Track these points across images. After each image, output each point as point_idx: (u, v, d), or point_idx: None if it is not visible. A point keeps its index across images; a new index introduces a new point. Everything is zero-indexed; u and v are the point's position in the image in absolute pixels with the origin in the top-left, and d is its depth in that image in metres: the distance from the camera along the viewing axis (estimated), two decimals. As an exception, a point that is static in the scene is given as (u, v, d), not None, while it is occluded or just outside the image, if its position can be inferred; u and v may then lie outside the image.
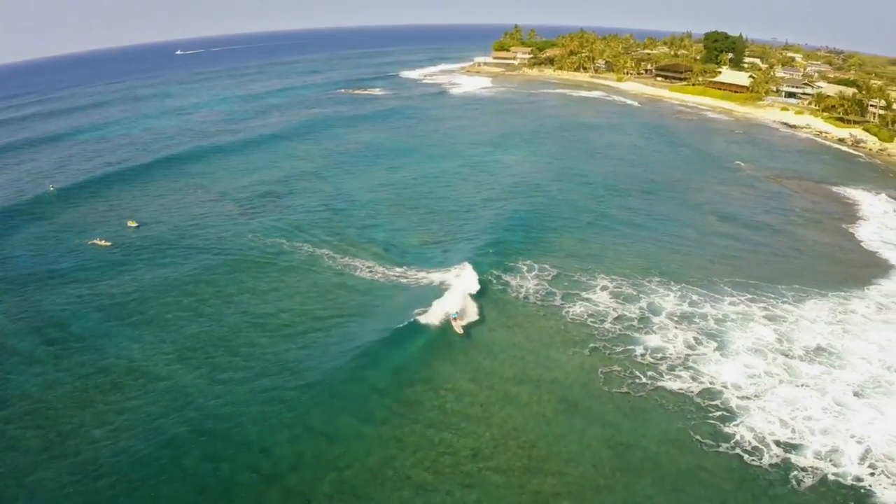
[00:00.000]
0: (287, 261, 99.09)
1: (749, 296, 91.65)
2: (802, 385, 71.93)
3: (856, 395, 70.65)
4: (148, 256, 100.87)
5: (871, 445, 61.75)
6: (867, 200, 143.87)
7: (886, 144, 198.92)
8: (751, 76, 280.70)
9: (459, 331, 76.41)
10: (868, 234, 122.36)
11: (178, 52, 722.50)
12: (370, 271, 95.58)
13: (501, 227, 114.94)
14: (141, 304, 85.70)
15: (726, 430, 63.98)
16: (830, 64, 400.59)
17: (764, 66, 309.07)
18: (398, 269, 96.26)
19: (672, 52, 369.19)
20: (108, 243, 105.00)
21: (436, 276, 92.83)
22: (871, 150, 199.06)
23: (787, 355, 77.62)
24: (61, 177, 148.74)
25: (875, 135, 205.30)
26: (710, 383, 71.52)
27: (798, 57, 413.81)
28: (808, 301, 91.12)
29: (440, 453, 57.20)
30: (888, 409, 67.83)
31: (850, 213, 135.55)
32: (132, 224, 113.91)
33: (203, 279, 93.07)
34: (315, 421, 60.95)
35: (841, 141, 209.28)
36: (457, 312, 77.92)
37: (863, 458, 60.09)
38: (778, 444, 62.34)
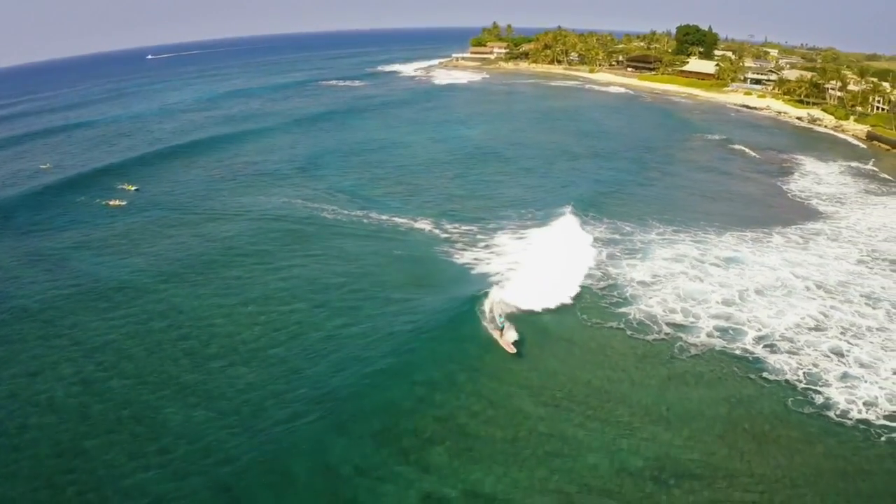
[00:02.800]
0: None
1: (676, 227, 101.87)
2: (706, 282, 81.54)
3: (758, 292, 79.89)
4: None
5: (768, 330, 70.72)
6: (810, 164, 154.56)
7: (842, 122, 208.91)
8: (717, 64, 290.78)
9: (510, 348, 60.40)
10: (800, 187, 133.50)
11: (149, 57, 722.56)
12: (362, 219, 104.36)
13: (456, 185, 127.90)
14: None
15: (617, 311, 73.04)
16: (805, 58, 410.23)
17: (734, 58, 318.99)
18: (382, 217, 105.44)
19: (645, 46, 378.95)
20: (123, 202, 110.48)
21: (401, 221, 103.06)
22: (826, 126, 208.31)
23: (700, 261, 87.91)
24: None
25: (832, 114, 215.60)
26: (615, 279, 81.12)
27: (774, 52, 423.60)
28: (730, 232, 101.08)
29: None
30: (789, 305, 77.11)
31: (789, 172, 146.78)
32: (130, 187, 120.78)
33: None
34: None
35: (798, 119, 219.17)
36: (502, 318, 61.95)
37: (758, 340, 68.84)
38: (670, 324, 71.36)
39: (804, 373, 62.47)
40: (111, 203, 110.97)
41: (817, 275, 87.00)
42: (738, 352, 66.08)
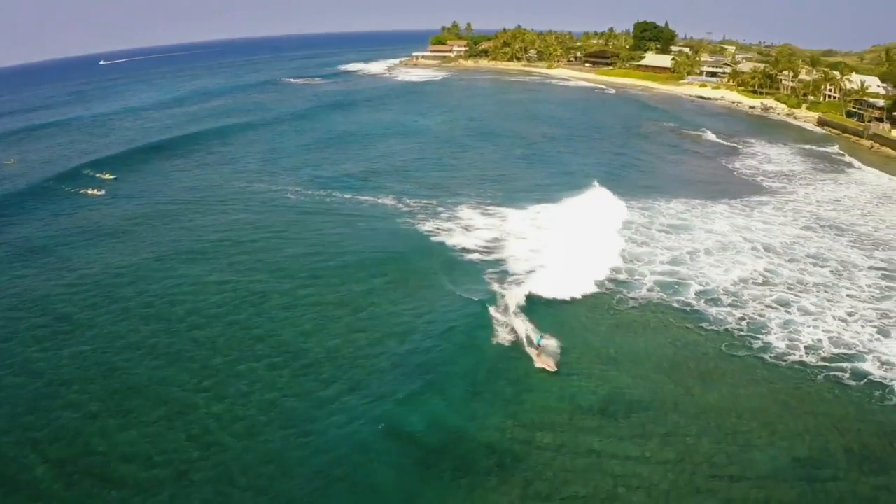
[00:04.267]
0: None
1: (624, 200, 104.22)
2: (652, 245, 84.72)
3: (706, 253, 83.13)
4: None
5: (714, 286, 73.46)
6: (761, 146, 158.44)
7: (794, 109, 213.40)
8: (673, 59, 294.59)
9: (550, 366, 54.21)
10: (748, 166, 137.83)
11: (102, 63, 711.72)
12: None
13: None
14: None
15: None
16: (761, 54, 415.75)
17: (690, 53, 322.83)
18: (345, 195, 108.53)
19: (603, 43, 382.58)
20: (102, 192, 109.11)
21: (364, 198, 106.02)
22: (779, 113, 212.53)
23: (647, 228, 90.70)
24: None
25: (784, 103, 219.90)
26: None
27: (731, 48, 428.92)
28: (676, 201, 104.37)
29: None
30: (736, 263, 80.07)
31: (740, 153, 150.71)
32: (107, 176, 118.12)
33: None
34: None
35: (752, 108, 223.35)
36: (541, 336, 57.04)
37: (700, 294, 71.20)
38: (613, 280, 74.39)
39: (748, 322, 64.80)
40: (90, 192, 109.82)
41: (764, 238, 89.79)
42: (681, 304, 68.79)
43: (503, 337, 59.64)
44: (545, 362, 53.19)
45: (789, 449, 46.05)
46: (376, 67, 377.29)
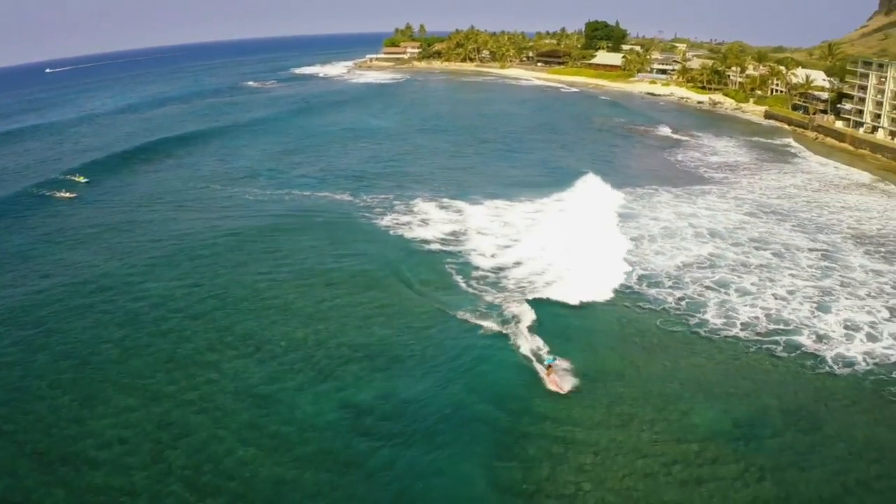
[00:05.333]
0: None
1: (568, 191, 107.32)
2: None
3: (650, 240, 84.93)
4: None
5: (656, 270, 75.47)
6: (707, 139, 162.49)
7: (741, 104, 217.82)
8: (624, 57, 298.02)
9: (562, 388, 50.87)
10: (694, 158, 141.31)
11: (48, 71, 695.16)
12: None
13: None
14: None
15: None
16: (712, 51, 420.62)
17: (641, 51, 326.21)
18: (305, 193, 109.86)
19: (556, 42, 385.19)
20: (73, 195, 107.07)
21: (322, 194, 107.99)
22: (726, 109, 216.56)
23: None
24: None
25: (732, 97, 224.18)
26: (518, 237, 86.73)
27: (682, 46, 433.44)
28: (622, 192, 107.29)
29: None
30: (679, 249, 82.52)
31: (685, 146, 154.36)
32: (80, 179, 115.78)
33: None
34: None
35: (700, 103, 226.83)
36: (553, 357, 53.74)
37: (642, 278, 73.30)
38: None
39: (687, 302, 67.38)
40: (60, 195, 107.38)
41: (709, 224, 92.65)
42: (622, 287, 71.00)
43: (455, 319, 62.01)
44: (554, 382, 50.70)
45: (728, 412, 48.46)
46: (331, 70, 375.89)
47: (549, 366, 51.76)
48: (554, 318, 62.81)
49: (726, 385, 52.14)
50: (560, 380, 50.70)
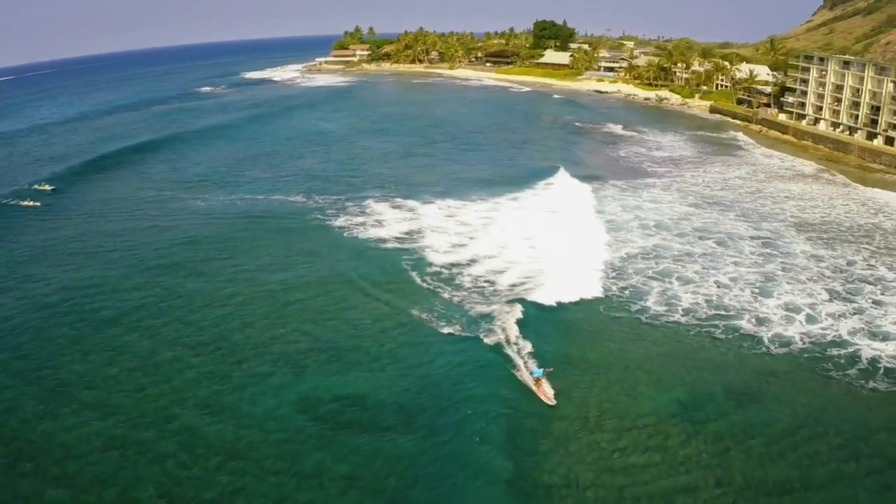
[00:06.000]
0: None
1: (511, 189, 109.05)
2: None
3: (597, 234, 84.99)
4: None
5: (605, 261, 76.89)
6: (652, 135, 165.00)
7: (687, 100, 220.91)
8: (571, 55, 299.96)
9: (550, 400, 49.22)
10: (640, 153, 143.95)
11: None
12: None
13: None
14: None
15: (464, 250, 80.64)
16: (659, 48, 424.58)
17: (588, 49, 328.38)
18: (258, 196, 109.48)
19: (504, 42, 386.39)
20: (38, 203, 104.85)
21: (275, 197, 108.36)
22: (672, 104, 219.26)
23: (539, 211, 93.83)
24: None
25: (678, 93, 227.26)
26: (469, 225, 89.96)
27: (630, 44, 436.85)
28: (570, 187, 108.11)
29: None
30: (624, 242, 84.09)
31: (632, 141, 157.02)
32: (45, 187, 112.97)
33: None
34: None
35: (647, 99, 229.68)
36: (542, 370, 51.80)
37: (589, 270, 74.30)
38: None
39: (630, 291, 69.25)
40: (24, 204, 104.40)
41: (655, 216, 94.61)
42: (576, 278, 71.79)
43: (409, 316, 63.09)
44: (544, 393, 49.34)
45: (672, 392, 50.58)
46: (281, 74, 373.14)
47: (538, 378, 50.40)
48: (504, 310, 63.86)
49: (670, 366, 54.31)
50: (549, 391, 49.48)
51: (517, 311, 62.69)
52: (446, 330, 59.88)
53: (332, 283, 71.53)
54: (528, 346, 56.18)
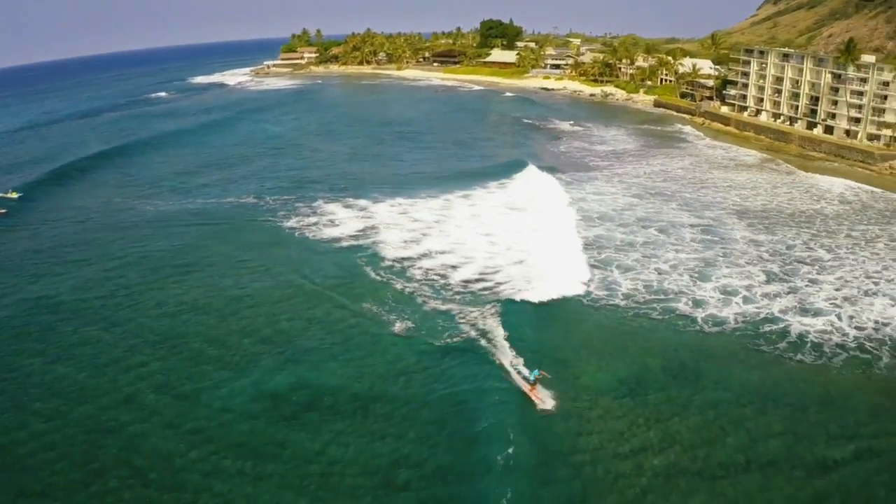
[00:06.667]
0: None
1: (459, 187, 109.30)
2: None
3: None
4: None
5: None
6: (597, 130, 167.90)
7: (632, 95, 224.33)
8: (518, 54, 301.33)
9: (546, 404, 48.15)
10: (578, 148, 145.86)
11: None
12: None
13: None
14: None
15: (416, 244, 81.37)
16: (606, 45, 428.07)
17: (535, 47, 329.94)
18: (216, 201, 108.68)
19: (451, 42, 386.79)
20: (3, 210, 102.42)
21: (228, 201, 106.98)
22: (618, 99, 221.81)
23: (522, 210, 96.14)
24: None
25: (623, 89, 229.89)
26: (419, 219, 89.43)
27: (577, 41, 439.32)
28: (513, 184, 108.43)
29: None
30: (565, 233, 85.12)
31: (575, 137, 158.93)
32: (13, 195, 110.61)
33: None
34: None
35: (592, 95, 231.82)
36: (537, 371, 49.72)
37: (532, 261, 75.48)
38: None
39: (573, 279, 70.39)
40: None
41: (599, 208, 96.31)
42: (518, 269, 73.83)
43: (362, 310, 64.10)
44: (538, 397, 48.27)
45: (614, 372, 52.81)
46: (229, 79, 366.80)
47: (534, 382, 48.93)
48: (453, 300, 65.85)
49: (611, 347, 56.86)
50: (543, 395, 48.75)
51: (468, 300, 65.01)
52: (397, 324, 60.85)
53: (284, 281, 72.12)
54: (476, 332, 58.30)
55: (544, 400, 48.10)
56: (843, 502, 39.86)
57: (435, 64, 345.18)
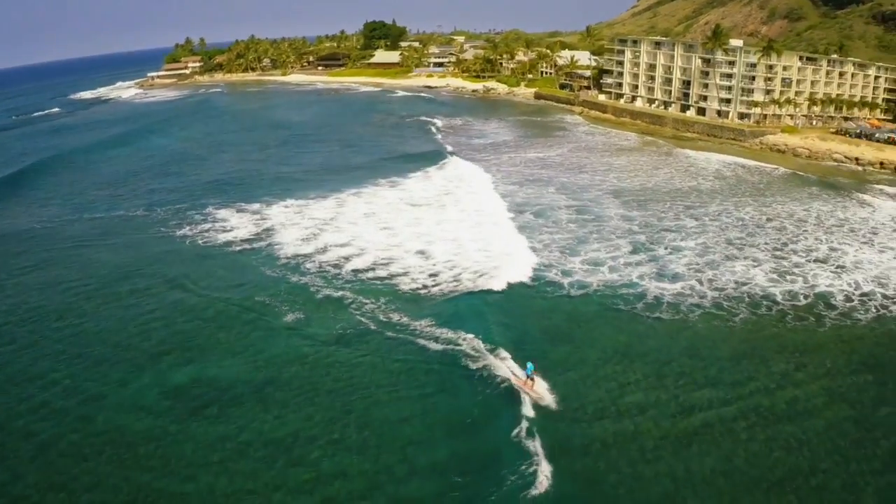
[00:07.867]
0: None
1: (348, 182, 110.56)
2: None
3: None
4: None
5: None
6: (478, 124, 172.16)
7: (513, 88, 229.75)
8: (402, 54, 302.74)
9: (542, 397, 47.91)
10: (458, 142, 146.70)
11: None
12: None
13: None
14: None
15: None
16: (489, 41, 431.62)
17: (419, 46, 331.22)
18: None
19: (335, 45, 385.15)
20: None
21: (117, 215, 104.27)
22: (499, 94, 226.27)
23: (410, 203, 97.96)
24: None
25: (504, 83, 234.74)
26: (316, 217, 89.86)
27: (461, 39, 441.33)
28: (387, 182, 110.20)
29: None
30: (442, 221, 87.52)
31: (456, 131, 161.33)
32: None
33: None
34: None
35: (474, 91, 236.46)
36: (532, 365, 48.93)
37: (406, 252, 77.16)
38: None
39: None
40: None
41: (473, 199, 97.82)
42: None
43: (256, 307, 65.37)
44: (534, 391, 47.67)
45: (501, 335, 56.44)
46: (113, 93, 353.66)
47: (530, 375, 48.05)
48: (345, 291, 67.54)
49: (496, 315, 60.51)
50: (538, 388, 48.22)
51: (354, 291, 66.75)
52: (290, 316, 62.48)
53: (177, 286, 72.06)
54: (362, 317, 60.94)
55: (542, 395, 47.77)
56: (708, 440, 43.34)
57: (320, 68, 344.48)
